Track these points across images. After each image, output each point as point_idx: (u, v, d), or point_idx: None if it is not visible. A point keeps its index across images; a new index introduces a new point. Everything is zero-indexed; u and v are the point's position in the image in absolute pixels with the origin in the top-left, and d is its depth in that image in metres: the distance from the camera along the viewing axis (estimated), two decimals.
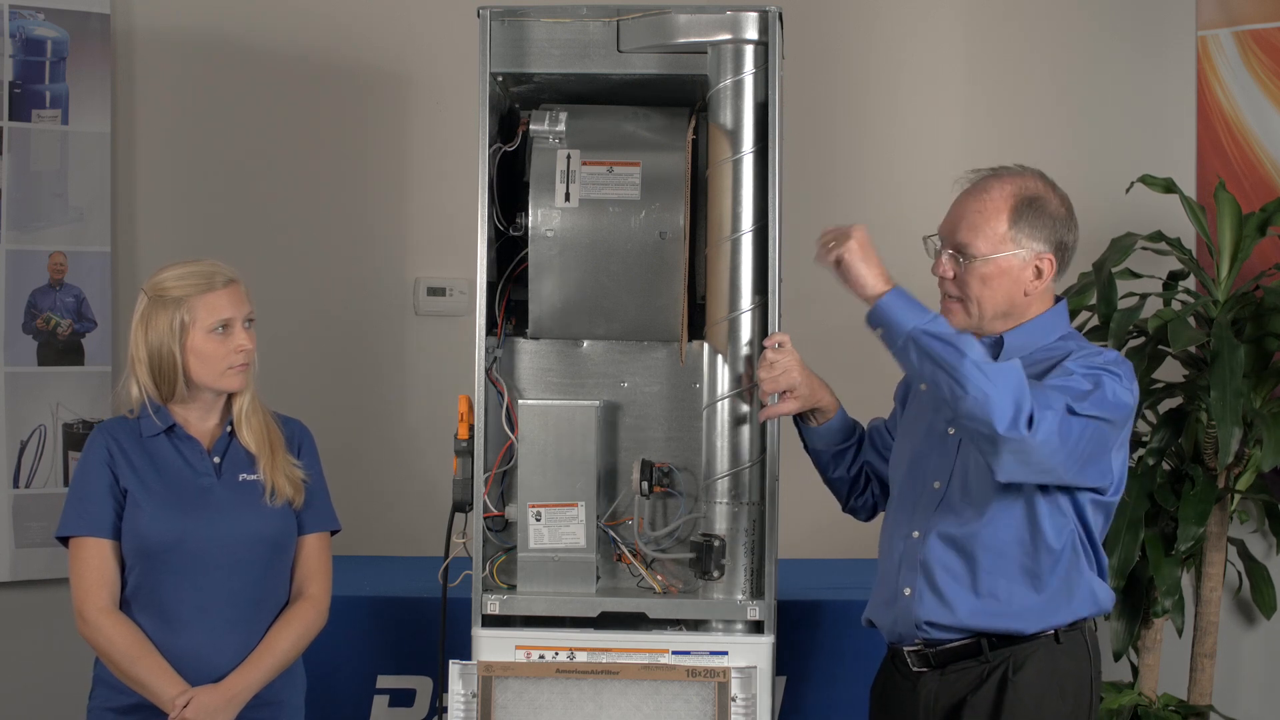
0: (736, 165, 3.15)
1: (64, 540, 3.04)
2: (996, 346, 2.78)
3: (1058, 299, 2.85)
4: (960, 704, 2.76)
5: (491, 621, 3.14)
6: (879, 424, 3.14)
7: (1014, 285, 2.78)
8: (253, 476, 3.07)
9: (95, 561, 3.00)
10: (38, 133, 4.40)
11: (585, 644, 3.11)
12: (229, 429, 3.09)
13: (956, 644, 2.76)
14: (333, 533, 3.19)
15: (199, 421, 3.08)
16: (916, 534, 2.81)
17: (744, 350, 3.15)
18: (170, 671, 2.97)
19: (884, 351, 3.45)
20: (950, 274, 2.80)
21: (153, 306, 3.02)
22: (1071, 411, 2.60)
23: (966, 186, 2.84)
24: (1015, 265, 2.77)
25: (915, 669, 2.80)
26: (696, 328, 3.20)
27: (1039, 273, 2.78)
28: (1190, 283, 4.40)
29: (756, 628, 3.13)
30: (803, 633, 3.64)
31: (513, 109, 3.32)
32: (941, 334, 2.62)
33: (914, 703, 2.81)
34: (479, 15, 3.17)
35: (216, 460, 3.07)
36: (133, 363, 3.05)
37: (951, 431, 2.80)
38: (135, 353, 3.04)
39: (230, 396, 3.08)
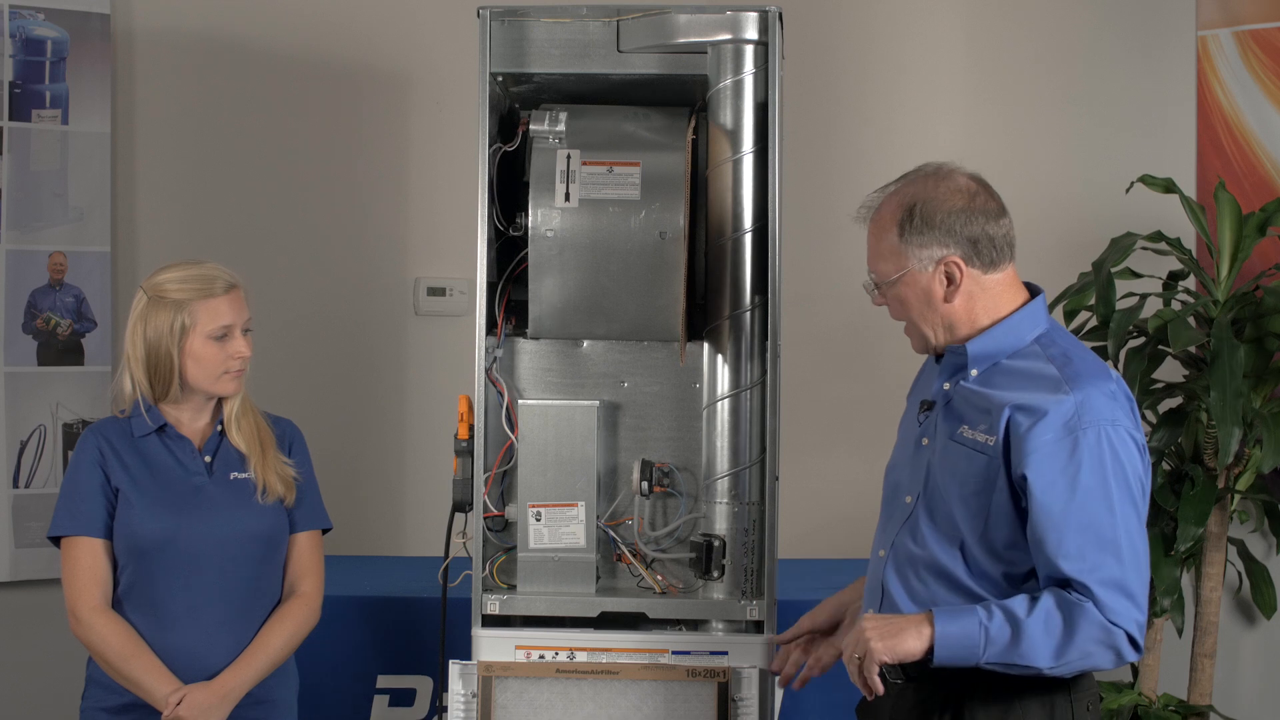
0: (736, 165, 3.15)
1: (56, 540, 3.05)
2: (961, 355, 2.62)
3: (1035, 290, 2.65)
4: None
5: (491, 621, 3.14)
6: None
7: (930, 298, 2.59)
8: (244, 475, 3.07)
9: (87, 561, 3.01)
10: (38, 133, 4.40)
11: (585, 644, 3.11)
12: (219, 428, 3.09)
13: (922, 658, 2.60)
14: (324, 531, 3.19)
15: (190, 421, 3.08)
16: (882, 553, 2.70)
17: (744, 353, 3.16)
18: (163, 670, 2.98)
19: (883, 352, 3.47)
20: (882, 303, 2.67)
21: (152, 306, 3.02)
22: (1118, 548, 2.46)
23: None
24: (921, 279, 2.58)
25: (892, 680, 2.66)
26: (696, 328, 3.20)
27: (950, 278, 2.57)
28: (1190, 283, 4.40)
29: (756, 627, 3.13)
30: None
31: (513, 109, 3.32)
32: (1003, 661, 2.48)
33: (886, 715, 2.69)
34: (479, 15, 3.17)
35: (208, 459, 3.07)
36: (128, 359, 3.05)
37: (925, 442, 2.67)
38: (132, 351, 3.04)
39: (222, 398, 3.09)
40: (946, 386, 2.65)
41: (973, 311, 2.60)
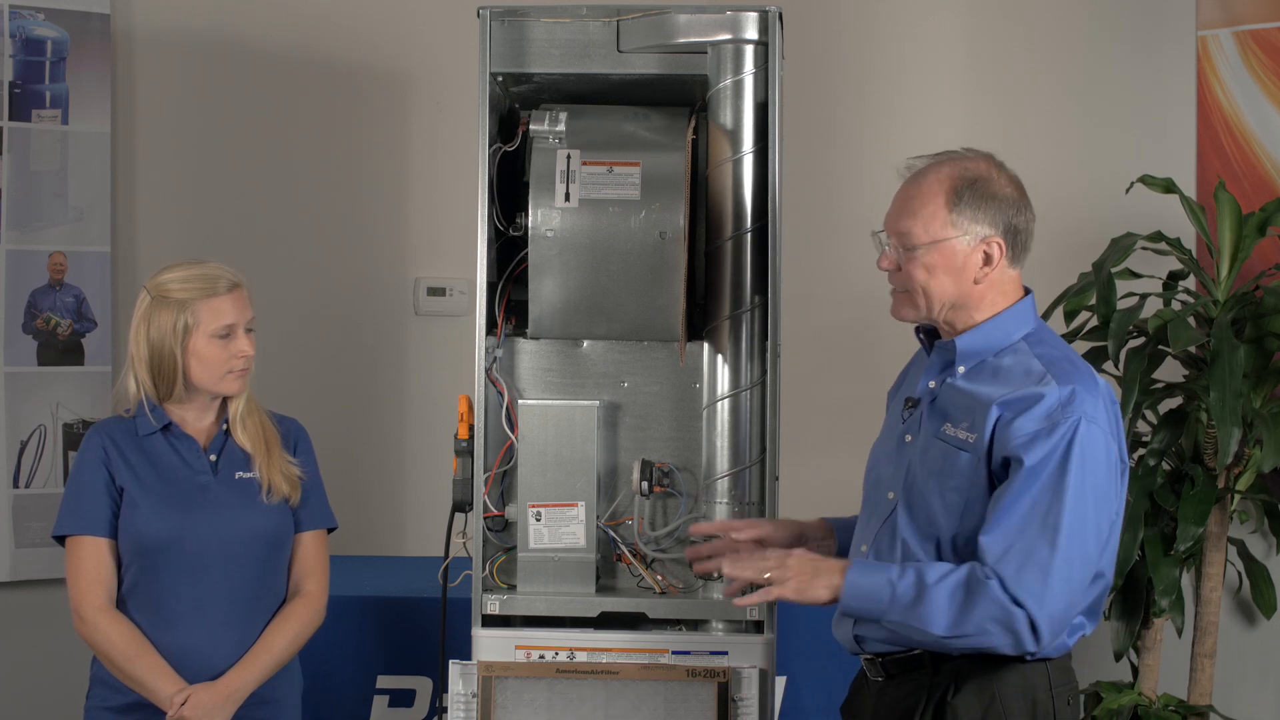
0: (736, 165, 3.16)
1: (60, 539, 3.05)
2: (949, 351, 2.64)
3: (1027, 290, 2.67)
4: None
5: (491, 621, 3.15)
6: None
7: (961, 273, 2.60)
8: (249, 474, 3.07)
9: (92, 560, 3.01)
10: (38, 133, 4.40)
11: (585, 644, 3.11)
12: (225, 427, 3.09)
13: (902, 655, 2.63)
14: (329, 530, 3.19)
15: (195, 420, 3.08)
16: (865, 548, 2.70)
17: (744, 353, 3.16)
18: (168, 669, 2.98)
19: (883, 352, 3.46)
20: (894, 266, 2.64)
21: (155, 306, 3.02)
22: (1055, 532, 2.45)
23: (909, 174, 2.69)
24: (960, 251, 2.59)
25: (873, 678, 2.69)
26: (696, 328, 3.20)
27: (988, 258, 2.59)
28: (1190, 283, 4.40)
29: (756, 627, 3.14)
30: (803, 633, 3.64)
31: (513, 109, 3.33)
32: (902, 622, 2.51)
33: (868, 713, 2.70)
34: (479, 15, 3.18)
35: (213, 458, 3.07)
36: (132, 360, 3.05)
37: (909, 439, 2.67)
38: (135, 351, 3.04)
39: (227, 397, 3.09)
40: (933, 385, 2.66)
41: (983, 299, 2.62)
